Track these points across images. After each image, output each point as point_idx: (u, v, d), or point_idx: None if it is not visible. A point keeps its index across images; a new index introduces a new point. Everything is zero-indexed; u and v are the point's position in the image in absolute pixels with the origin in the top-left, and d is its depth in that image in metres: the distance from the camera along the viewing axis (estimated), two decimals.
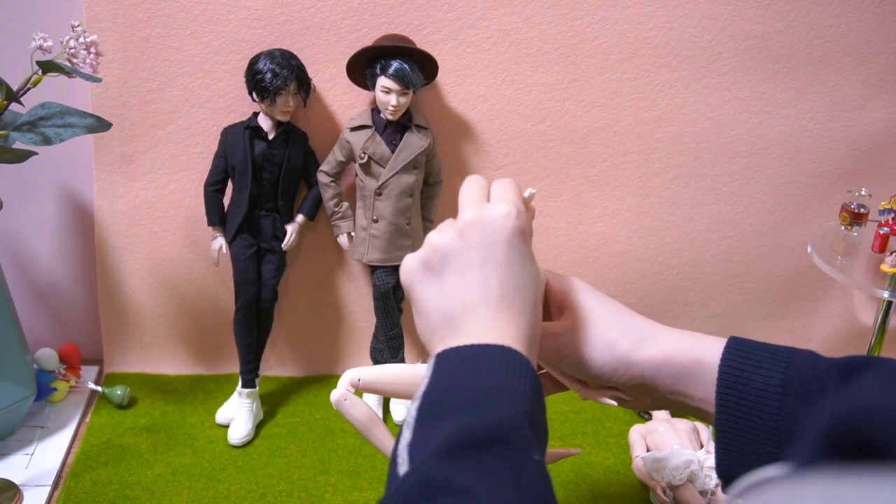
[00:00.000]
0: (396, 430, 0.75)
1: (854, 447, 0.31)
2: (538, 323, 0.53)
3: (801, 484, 0.28)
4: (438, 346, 0.52)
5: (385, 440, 0.64)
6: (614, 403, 0.58)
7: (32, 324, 1.17)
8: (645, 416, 1.13)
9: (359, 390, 0.63)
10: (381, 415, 0.67)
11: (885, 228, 1.05)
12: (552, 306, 0.62)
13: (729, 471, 0.55)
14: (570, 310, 0.60)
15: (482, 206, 0.54)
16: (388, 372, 0.64)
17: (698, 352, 0.56)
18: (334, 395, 0.62)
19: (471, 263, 0.52)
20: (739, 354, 0.54)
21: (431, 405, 0.47)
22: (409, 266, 0.55)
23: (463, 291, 0.52)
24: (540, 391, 0.49)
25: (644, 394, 0.59)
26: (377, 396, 1.07)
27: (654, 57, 1.05)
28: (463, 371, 0.48)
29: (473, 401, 0.46)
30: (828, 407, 0.32)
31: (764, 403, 0.52)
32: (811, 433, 0.32)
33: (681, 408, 0.58)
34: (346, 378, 0.62)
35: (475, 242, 0.53)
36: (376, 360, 1.09)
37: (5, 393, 0.99)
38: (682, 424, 1.05)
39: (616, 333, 0.58)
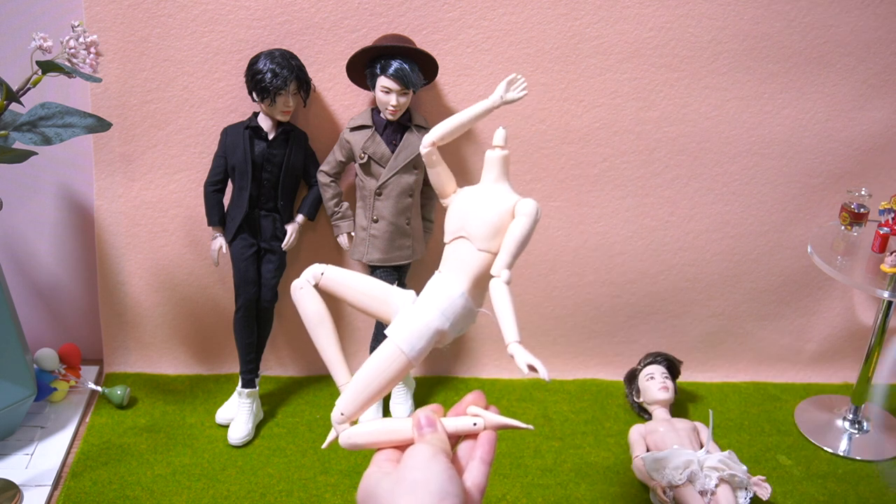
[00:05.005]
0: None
1: None
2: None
3: None
4: None
5: (327, 341, 0.64)
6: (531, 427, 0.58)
7: (32, 324, 1.17)
8: (645, 416, 1.13)
9: (319, 287, 0.64)
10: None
11: (885, 228, 1.05)
12: None
13: None
14: None
15: None
16: (354, 280, 0.65)
17: None
18: (296, 282, 0.62)
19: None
20: None
21: None
22: None
23: None
24: None
25: None
26: (377, 406, 1.07)
27: (654, 57, 1.05)
28: None
29: None
30: None
31: None
32: None
33: None
34: (312, 269, 0.63)
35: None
36: None
37: (5, 393, 0.99)
38: (682, 424, 1.05)
39: None
